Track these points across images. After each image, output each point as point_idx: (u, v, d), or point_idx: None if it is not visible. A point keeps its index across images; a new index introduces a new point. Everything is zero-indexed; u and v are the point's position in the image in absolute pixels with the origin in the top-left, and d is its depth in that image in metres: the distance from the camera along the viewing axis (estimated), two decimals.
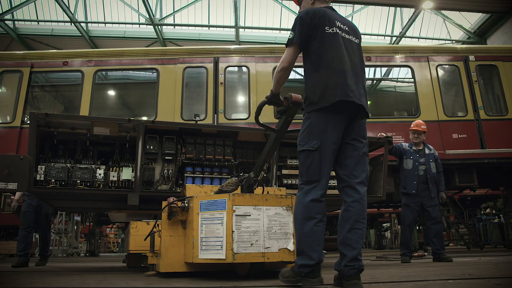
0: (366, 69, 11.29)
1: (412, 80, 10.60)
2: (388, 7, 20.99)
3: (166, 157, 6.29)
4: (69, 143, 6.15)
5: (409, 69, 10.63)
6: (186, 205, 4.56)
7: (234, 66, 10.46)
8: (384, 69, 12.29)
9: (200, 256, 4.16)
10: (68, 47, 22.44)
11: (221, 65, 10.19)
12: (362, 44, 3.84)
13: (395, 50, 11.23)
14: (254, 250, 3.94)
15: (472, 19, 20.31)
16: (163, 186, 6.33)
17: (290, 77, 3.86)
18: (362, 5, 20.80)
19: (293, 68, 3.66)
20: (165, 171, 6.27)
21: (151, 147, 6.19)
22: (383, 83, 12.83)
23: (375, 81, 12.53)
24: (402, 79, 12.17)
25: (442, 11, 20.35)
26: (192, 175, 6.43)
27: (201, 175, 6.50)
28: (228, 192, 4.23)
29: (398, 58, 10.70)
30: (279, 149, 6.72)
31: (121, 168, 6.02)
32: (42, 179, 5.50)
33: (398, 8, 21.19)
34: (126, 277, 4.90)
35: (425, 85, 10.46)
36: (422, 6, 19.40)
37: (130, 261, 7.58)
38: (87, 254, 20.77)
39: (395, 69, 12.01)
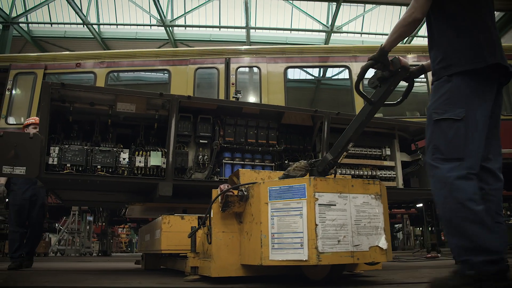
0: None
1: (425, 80, 9.86)
2: (399, 7, 19.75)
3: (200, 141, 5.03)
4: (83, 123, 4.88)
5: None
6: (245, 193, 3.45)
7: (245, 66, 9.77)
8: None
9: (272, 257, 3.09)
10: (80, 49, 21.33)
11: (233, 66, 9.52)
12: (372, 44, 2.67)
13: (407, 49, 10.50)
14: (341, 248, 2.95)
15: None
16: (197, 174, 5.06)
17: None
18: (373, 5, 19.61)
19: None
20: (200, 156, 4.98)
21: (183, 129, 4.93)
22: None
23: None
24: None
25: None
26: (231, 161, 5.14)
27: (242, 162, 5.22)
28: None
29: (411, 58, 9.85)
30: (328, 135, 5.49)
31: (148, 153, 4.72)
32: (55, 163, 4.25)
33: None
34: (161, 281, 3.76)
35: None
36: None
37: (148, 262, 6.47)
38: (100, 254, 19.70)
39: None
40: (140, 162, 4.65)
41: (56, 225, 20.58)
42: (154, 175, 4.75)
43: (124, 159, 4.58)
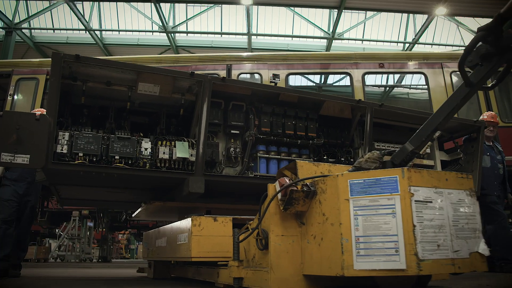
0: (379, 76, 10.20)
1: (426, 86, 9.48)
2: (400, 14, 19.09)
3: (232, 131, 4.15)
4: (94, 108, 3.97)
5: (423, 76, 9.49)
6: (312, 188, 2.70)
7: (247, 73, 9.36)
8: (397, 76, 11.01)
9: (357, 265, 2.37)
10: (82, 54, 20.10)
11: (234, 72, 9.09)
12: (373, 51, 1.84)
13: (408, 56, 10.14)
14: (441, 255, 2.33)
15: None
16: (227, 169, 4.16)
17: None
18: (375, 12, 18.91)
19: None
20: (231, 149, 4.09)
21: (213, 117, 4.07)
22: (396, 89, 11.53)
23: (388, 87, 11.27)
24: (416, 86, 10.99)
25: (456, 17, 18.50)
26: (267, 155, 4.25)
27: (278, 156, 4.34)
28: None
29: (412, 65, 9.58)
30: (372, 129, 4.76)
31: (172, 143, 3.81)
32: (64, 151, 3.32)
33: (411, 15, 19.33)
34: None
35: (439, 92, 9.28)
36: (435, 12, 17.58)
37: (157, 271, 5.58)
38: (100, 260, 18.60)
39: (408, 76, 10.75)
40: (164, 153, 3.76)
41: (57, 230, 19.52)
42: (179, 169, 3.85)
43: (146, 149, 3.67)
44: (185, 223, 3.88)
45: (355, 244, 2.37)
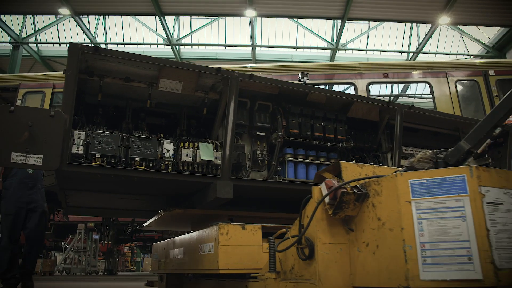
0: (383, 86, 9.92)
1: (431, 96, 9.33)
2: (404, 24, 18.88)
3: (257, 132, 3.77)
4: (108, 108, 3.60)
5: (427, 85, 9.32)
6: (364, 190, 2.39)
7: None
8: (401, 86, 10.86)
9: (424, 276, 2.05)
10: None
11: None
12: (377, 60, 1.51)
13: (412, 66, 9.98)
14: None
15: (490, 33, 18.20)
16: (253, 173, 3.78)
17: None
18: (378, 22, 18.71)
19: None
20: (258, 152, 3.72)
21: (238, 117, 3.69)
22: (401, 99, 11.30)
23: (392, 97, 11.02)
24: (420, 95, 10.89)
25: (459, 26, 18.29)
26: (295, 159, 3.88)
27: (306, 160, 3.96)
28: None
29: (416, 74, 9.42)
30: (402, 132, 4.48)
31: (195, 145, 3.44)
32: (80, 152, 2.93)
33: (414, 24, 19.12)
34: None
35: (444, 101, 9.12)
36: (438, 21, 17.36)
37: (169, 284, 5.18)
38: (105, 273, 18.11)
39: (413, 85, 10.63)
40: (187, 155, 3.37)
41: (62, 243, 19.06)
42: (203, 173, 3.47)
43: (168, 150, 3.29)
44: (210, 231, 3.49)
45: (421, 251, 2.03)
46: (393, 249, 2.10)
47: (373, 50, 20.39)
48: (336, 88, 9.99)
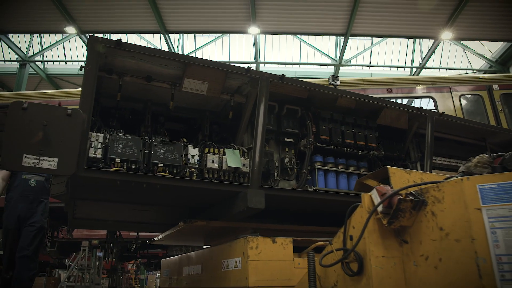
0: None
1: (435, 110, 9.00)
2: (406, 39, 18.72)
3: (285, 139, 3.43)
4: (123, 110, 3.27)
5: (432, 100, 9.14)
6: (421, 198, 2.12)
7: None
8: (405, 101, 10.59)
9: None
10: None
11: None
12: (381, 76, 1.21)
13: (416, 81, 9.73)
14: None
15: (493, 48, 18.01)
16: (281, 182, 3.43)
17: None
18: (381, 38, 18.55)
19: None
20: (286, 159, 3.37)
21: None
22: None
23: None
24: None
25: (462, 41, 18.12)
26: (325, 167, 3.53)
27: (336, 169, 3.62)
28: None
29: (420, 89, 9.23)
30: (433, 140, 4.10)
31: (221, 150, 3.10)
32: (98, 156, 2.58)
33: (417, 40, 18.96)
34: None
35: None
36: (441, 37, 17.17)
37: None
38: None
39: (417, 100, 10.26)
40: (213, 162, 3.02)
41: (66, 261, 18.46)
42: (229, 181, 3.11)
43: (193, 156, 2.94)
44: (237, 245, 3.12)
45: (497, 265, 1.75)
46: (462, 263, 1.82)
47: (377, 66, 20.20)
48: None
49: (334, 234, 2.46)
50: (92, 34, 2.87)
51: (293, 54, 20.71)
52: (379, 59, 19.95)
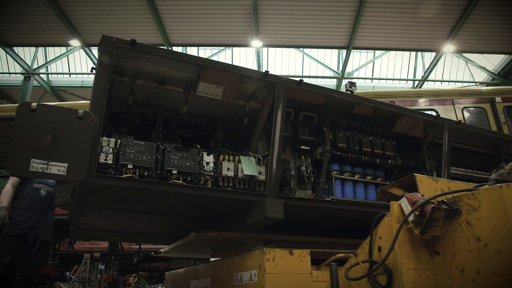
0: None
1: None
2: (409, 52, 18.67)
3: (302, 146, 3.27)
4: (133, 115, 3.12)
5: (434, 113, 9.00)
6: (454, 206, 1.96)
7: None
8: None
9: None
10: None
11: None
12: (383, 89, 1.08)
13: (418, 94, 9.77)
14: None
15: (495, 61, 17.96)
16: (298, 192, 3.25)
17: None
18: (383, 51, 18.51)
19: None
20: (303, 168, 3.21)
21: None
22: None
23: None
24: None
25: (464, 54, 18.05)
26: (342, 176, 3.36)
27: (353, 178, 3.45)
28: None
29: (422, 102, 9.18)
30: (450, 149, 3.89)
31: (236, 158, 2.93)
32: (109, 162, 2.41)
33: (420, 53, 18.90)
34: None
35: None
36: (443, 50, 17.12)
37: None
38: None
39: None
40: (228, 169, 2.85)
41: (67, 273, 18.11)
42: (245, 189, 2.94)
43: (208, 163, 2.77)
44: (253, 257, 2.94)
45: None
46: (505, 276, 1.67)
47: (379, 79, 20.13)
48: None
49: (351, 246, 2.29)
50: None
51: (296, 67, 20.67)
52: (381, 72, 19.89)
